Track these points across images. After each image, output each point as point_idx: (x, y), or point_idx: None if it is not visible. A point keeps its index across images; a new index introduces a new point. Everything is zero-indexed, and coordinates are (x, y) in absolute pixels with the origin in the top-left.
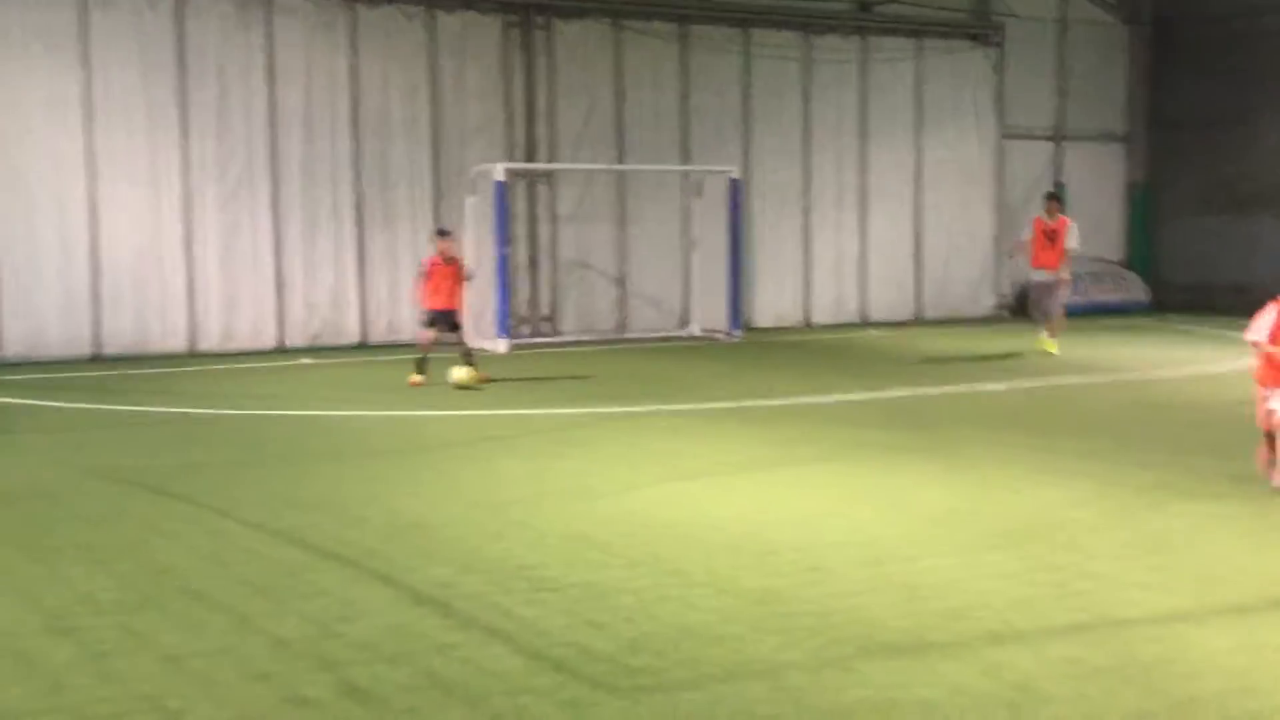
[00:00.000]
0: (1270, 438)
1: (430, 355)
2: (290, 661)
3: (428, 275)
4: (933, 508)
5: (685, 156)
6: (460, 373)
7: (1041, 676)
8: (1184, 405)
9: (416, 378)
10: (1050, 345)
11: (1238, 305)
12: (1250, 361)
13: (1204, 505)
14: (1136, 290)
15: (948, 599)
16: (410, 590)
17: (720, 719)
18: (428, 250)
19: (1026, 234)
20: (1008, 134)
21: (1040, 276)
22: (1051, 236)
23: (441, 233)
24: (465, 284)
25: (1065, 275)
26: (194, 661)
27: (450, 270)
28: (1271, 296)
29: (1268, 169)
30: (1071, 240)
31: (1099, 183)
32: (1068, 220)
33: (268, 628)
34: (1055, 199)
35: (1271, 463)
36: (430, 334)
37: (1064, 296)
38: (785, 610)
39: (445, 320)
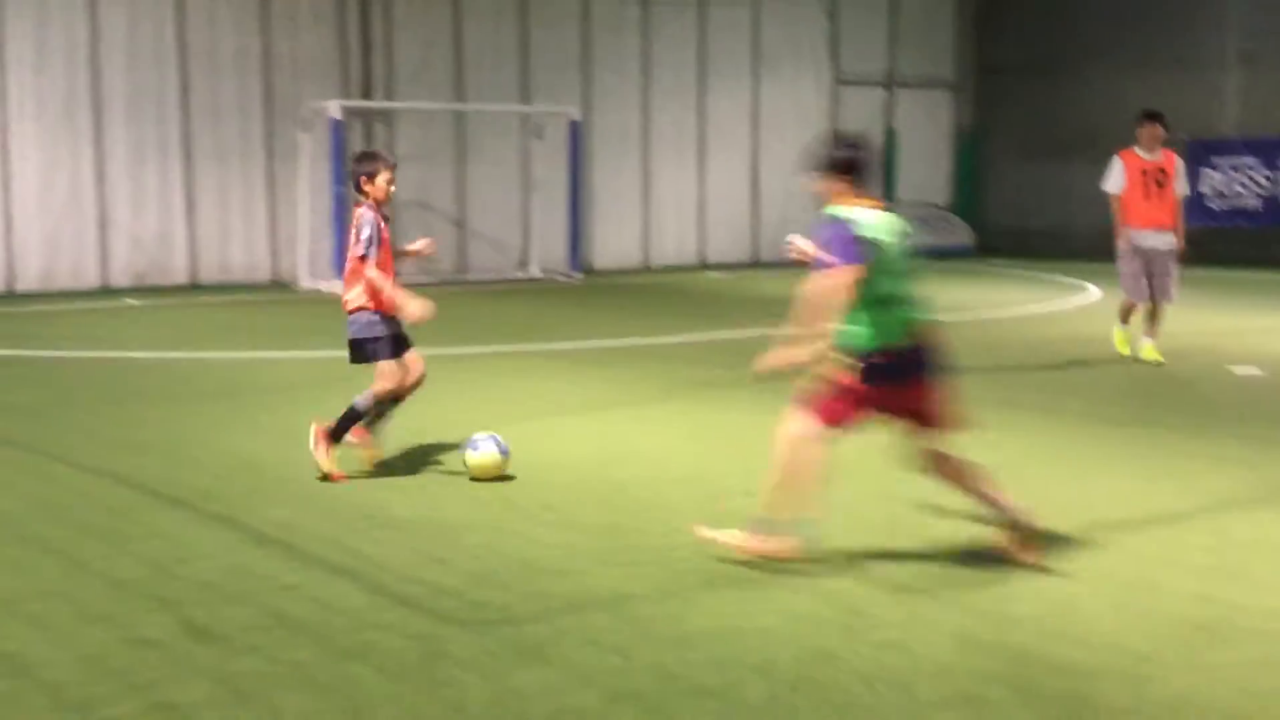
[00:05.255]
0: None
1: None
2: (129, 603)
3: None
4: (769, 444)
5: (525, 97)
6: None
7: (873, 602)
8: (1005, 345)
9: (369, 447)
10: (1155, 351)
11: (1056, 249)
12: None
13: (1025, 438)
14: (962, 234)
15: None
16: (250, 530)
17: (567, 649)
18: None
19: (1114, 182)
20: (842, 79)
21: (1152, 241)
22: (1158, 180)
23: (369, 160)
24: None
25: (1180, 238)
26: (29, 605)
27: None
28: (1088, 241)
29: (1086, 116)
30: (1183, 183)
31: (928, 128)
32: (1175, 155)
33: (104, 570)
34: (1159, 121)
35: None
36: (393, 368)
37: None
38: (629, 544)
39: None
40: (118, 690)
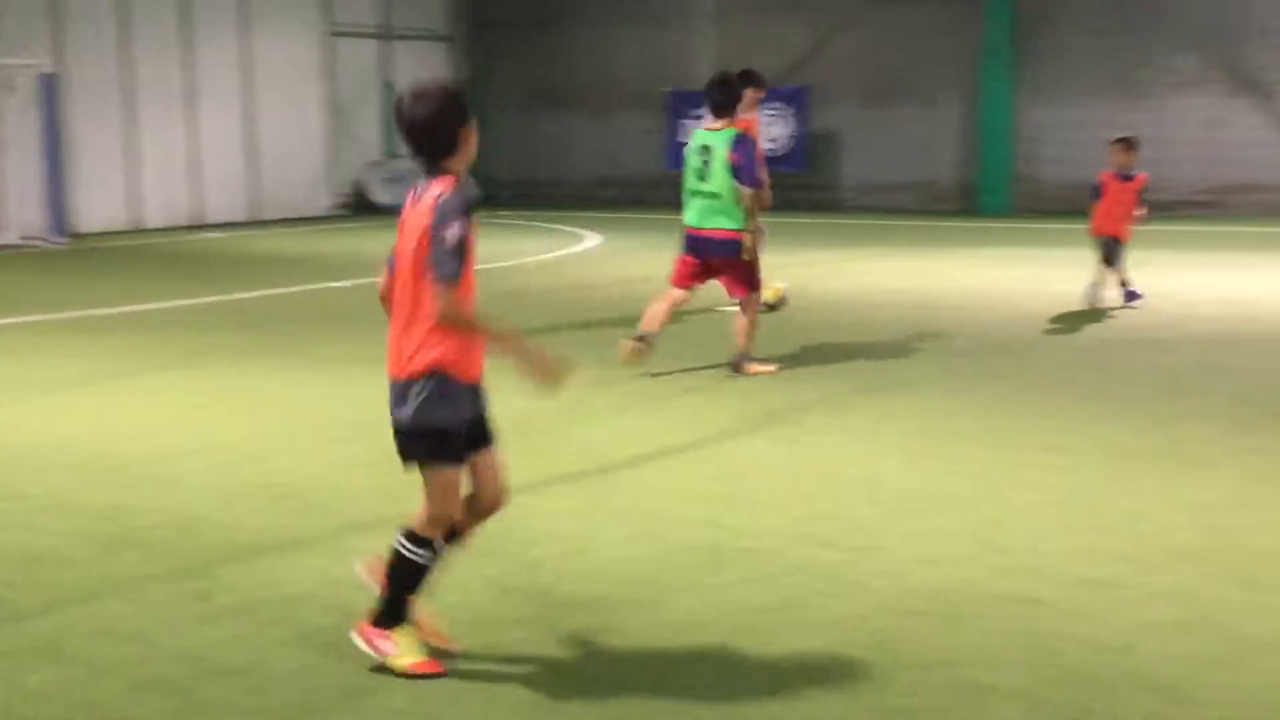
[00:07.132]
0: None
1: None
2: None
3: None
4: (284, 408)
5: None
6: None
7: None
8: (522, 293)
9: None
10: (773, 293)
11: (555, 199)
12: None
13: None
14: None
15: (306, 495)
16: None
17: (80, 642)
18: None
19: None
20: (336, 31)
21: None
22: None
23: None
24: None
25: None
26: None
27: None
28: (585, 190)
29: (578, 70)
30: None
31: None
32: (754, 122)
33: None
34: (757, 82)
35: None
36: None
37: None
38: (140, 525)
39: None
40: None
